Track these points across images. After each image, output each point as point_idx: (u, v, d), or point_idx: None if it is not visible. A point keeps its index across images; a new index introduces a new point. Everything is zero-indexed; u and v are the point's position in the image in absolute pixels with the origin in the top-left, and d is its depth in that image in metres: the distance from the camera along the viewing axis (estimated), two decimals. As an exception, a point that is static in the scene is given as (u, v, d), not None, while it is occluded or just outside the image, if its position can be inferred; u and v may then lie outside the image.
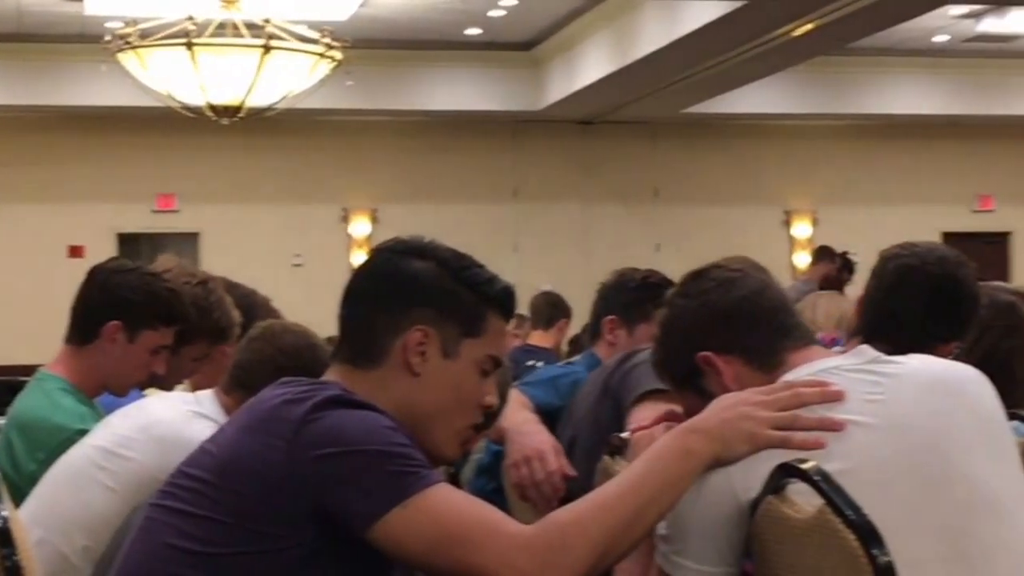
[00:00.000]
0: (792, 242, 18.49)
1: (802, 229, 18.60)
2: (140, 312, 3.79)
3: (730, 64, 14.16)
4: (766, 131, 18.28)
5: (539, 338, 8.51)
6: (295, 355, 3.41)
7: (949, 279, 3.31)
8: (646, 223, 17.96)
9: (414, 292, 2.49)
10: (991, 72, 17.15)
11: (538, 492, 3.63)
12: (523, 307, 9.67)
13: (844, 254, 14.13)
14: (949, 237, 18.78)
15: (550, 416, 3.95)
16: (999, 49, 16.52)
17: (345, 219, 17.56)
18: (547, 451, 3.67)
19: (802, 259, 17.57)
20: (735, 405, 2.38)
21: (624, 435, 2.89)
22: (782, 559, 2.29)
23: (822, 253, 14.54)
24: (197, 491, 2.33)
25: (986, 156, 18.85)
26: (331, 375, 2.51)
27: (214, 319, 4.02)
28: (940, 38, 16.25)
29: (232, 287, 4.37)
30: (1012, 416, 3.68)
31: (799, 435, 2.34)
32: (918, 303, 3.24)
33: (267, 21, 11.27)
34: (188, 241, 17.06)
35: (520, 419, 3.78)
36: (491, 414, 2.99)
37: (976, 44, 16.43)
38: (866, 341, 2.81)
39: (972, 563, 2.32)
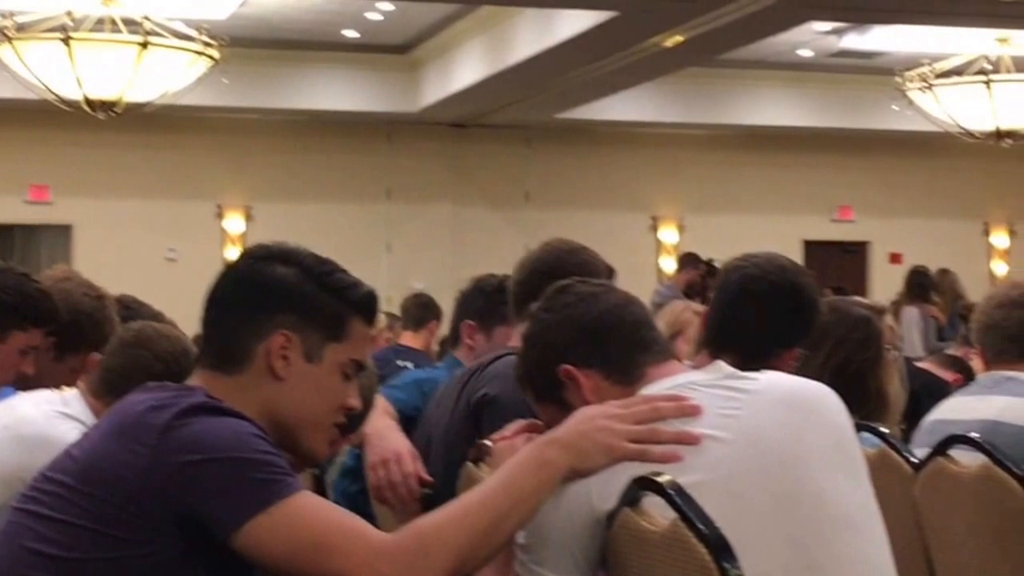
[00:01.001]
0: (659, 247, 18.65)
1: (669, 235, 18.75)
2: (10, 312, 3.72)
3: (602, 72, 14.25)
4: (636, 138, 18.41)
5: (409, 339, 8.49)
6: (173, 362, 3.38)
7: (790, 286, 3.37)
8: (517, 226, 17.99)
9: (277, 297, 2.48)
10: (852, 87, 17.40)
11: (395, 494, 3.66)
12: (396, 306, 9.66)
13: (709, 261, 14.28)
14: (810, 245, 19.09)
15: (414, 419, 3.95)
16: (860, 65, 16.76)
17: (219, 215, 17.42)
18: (404, 454, 3.70)
19: (668, 264, 17.72)
20: (594, 418, 2.39)
21: (487, 442, 2.90)
22: (637, 570, 2.29)
23: (687, 259, 14.70)
24: (60, 496, 2.30)
25: (847, 168, 19.13)
26: (196, 380, 2.49)
27: (104, 333, 3.97)
28: (804, 53, 16.47)
29: (124, 304, 4.35)
30: (864, 428, 3.76)
31: (656, 448, 2.36)
32: (762, 311, 3.29)
33: (146, 18, 11.15)
34: (61, 233, 16.84)
35: (381, 424, 3.79)
36: (357, 417, 2.99)
37: (839, 59, 16.67)
38: (713, 352, 2.84)
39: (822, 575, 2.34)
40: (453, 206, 18.01)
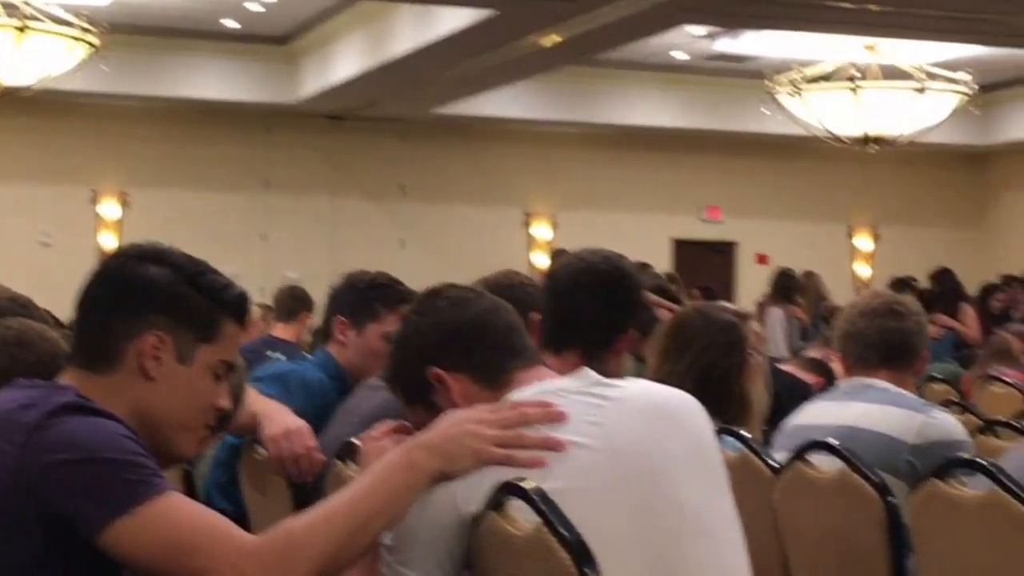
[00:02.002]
0: (531, 243, 18.71)
1: (542, 231, 18.82)
2: None
3: (480, 69, 14.27)
4: (512, 135, 18.45)
5: (281, 330, 8.44)
6: (52, 364, 3.32)
7: (617, 272, 3.44)
8: (393, 219, 17.98)
9: (149, 298, 2.45)
10: (724, 89, 17.58)
11: (297, 466, 3.66)
12: (270, 297, 9.59)
13: (581, 258, 14.31)
14: (679, 244, 19.28)
15: None
16: (732, 68, 16.95)
17: (95, 201, 17.19)
18: (304, 428, 3.71)
19: (540, 260, 17.78)
20: (461, 422, 2.40)
21: (356, 442, 2.89)
22: (501, 574, 2.31)
23: (559, 255, 14.73)
24: None
25: (717, 169, 19.32)
26: (67, 378, 2.46)
27: None
28: (678, 55, 16.61)
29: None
30: (726, 432, 3.80)
31: (521, 453, 2.36)
32: (596, 299, 3.34)
33: (25, 2, 10.98)
34: (-66, 216, 16.54)
35: (272, 404, 3.81)
36: (225, 416, 2.96)
37: (711, 63, 16.84)
38: (555, 352, 2.86)
39: (679, 581, 2.37)
40: (330, 197, 17.93)
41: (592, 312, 3.34)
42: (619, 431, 2.41)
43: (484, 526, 2.31)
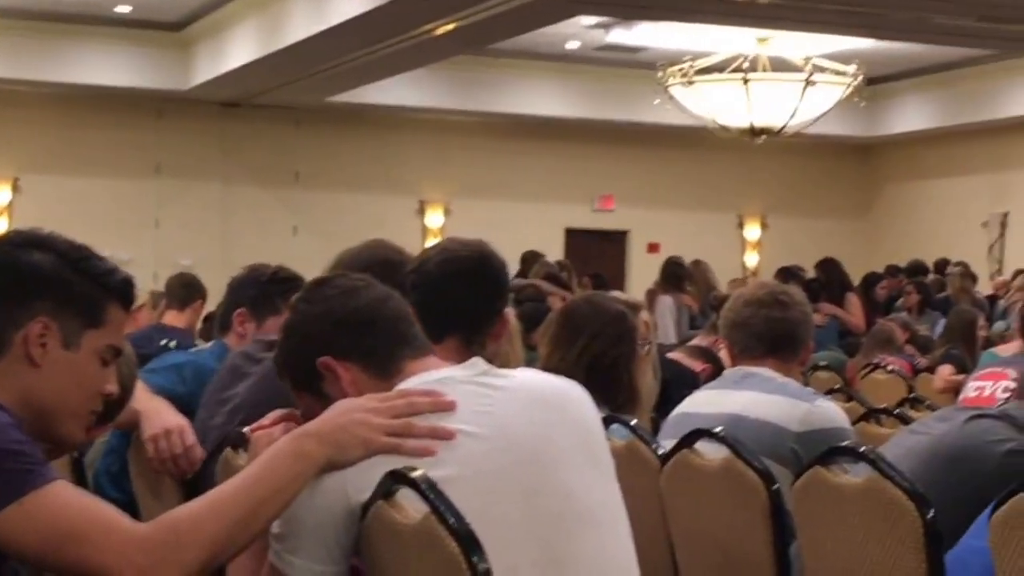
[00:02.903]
0: (425, 231, 18.68)
1: (435, 219, 18.81)
2: None
3: (374, 57, 14.21)
4: (406, 123, 18.40)
5: (173, 318, 8.34)
6: None
7: (481, 256, 3.46)
8: (286, 206, 17.88)
9: (33, 284, 2.43)
10: (617, 80, 17.66)
11: (175, 466, 3.64)
12: (163, 283, 9.49)
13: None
14: (571, 233, 19.34)
15: (172, 402, 3.91)
16: (625, 59, 17.03)
17: (-16, 187, 16.96)
18: (185, 427, 3.69)
19: (435, 248, 17.74)
20: (351, 411, 2.39)
21: (246, 431, 2.88)
22: (390, 562, 2.31)
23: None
24: None
25: (609, 158, 19.40)
26: None
27: None
28: (572, 45, 16.65)
29: None
30: (614, 420, 3.83)
31: (410, 442, 2.37)
32: (468, 286, 3.36)
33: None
34: None
35: (155, 402, 3.77)
36: (115, 403, 2.94)
37: (605, 53, 16.90)
38: (434, 340, 2.86)
39: (565, 571, 2.38)
40: (223, 184, 17.79)
41: (465, 299, 3.35)
42: (508, 420, 2.42)
43: (372, 515, 2.32)
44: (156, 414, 3.72)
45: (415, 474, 2.28)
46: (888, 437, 4.01)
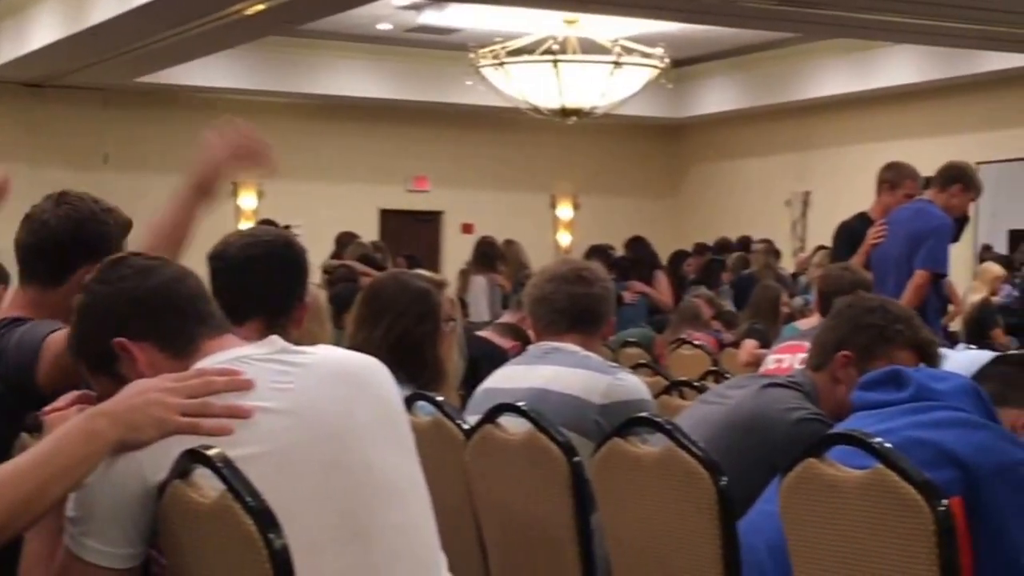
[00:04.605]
0: (238, 213, 18.49)
1: (248, 201, 18.65)
2: None
3: (183, 37, 13.99)
4: (218, 104, 18.10)
5: (-24, 303, 8.15)
6: None
7: (283, 242, 3.50)
8: (95, 189, 16.91)
9: None
10: (430, 61, 17.66)
11: None
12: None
13: (286, 228, 14.21)
14: (386, 214, 19.31)
15: None
16: (437, 40, 17.03)
17: None
18: None
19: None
20: (146, 391, 2.36)
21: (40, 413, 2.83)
22: (187, 541, 2.29)
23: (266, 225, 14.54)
24: None
25: (423, 140, 19.40)
26: None
27: None
28: (384, 27, 16.61)
29: None
30: (420, 397, 3.84)
31: (207, 422, 2.35)
32: (269, 271, 3.39)
33: None
34: None
35: None
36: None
37: (417, 35, 16.88)
38: (236, 323, 2.86)
39: (367, 544, 2.38)
40: (29, 167, 17.28)
41: (266, 283, 3.36)
42: (307, 396, 2.41)
43: (169, 495, 2.29)
44: None
45: (211, 452, 2.26)
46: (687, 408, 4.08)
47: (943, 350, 4.02)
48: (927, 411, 3.01)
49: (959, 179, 7.62)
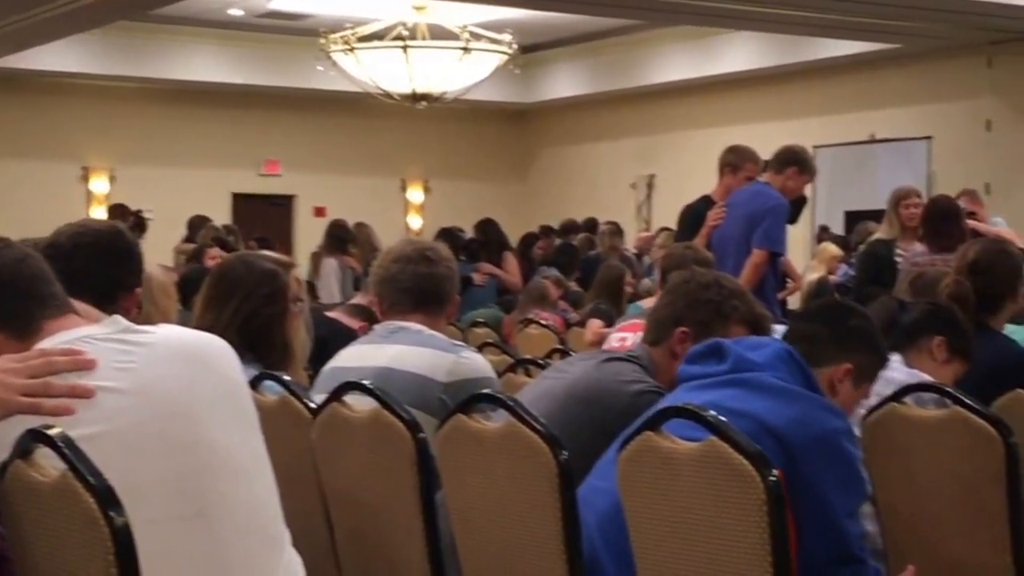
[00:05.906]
0: (90, 197, 18.22)
1: (99, 185, 18.36)
2: None
3: (30, 22, 13.72)
4: (67, 89, 17.86)
5: None
6: None
7: (115, 232, 3.52)
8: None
9: None
10: (281, 47, 17.53)
11: None
12: None
13: (138, 212, 14.06)
14: (238, 198, 19.14)
15: None
16: (288, 26, 16.92)
17: None
18: None
19: (99, 214, 17.33)
20: (-13, 372, 2.33)
21: None
22: (29, 521, 2.25)
23: (116, 210, 14.43)
24: None
25: (275, 124, 19.26)
26: None
27: None
28: (235, 12, 16.45)
29: None
30: (268, 377, 3.82)
31: (49, 401, 2.32)
32: (99, 258, 3.40)
33: None
34: None
35: None
36: None
37: (268, 20, 16.76)
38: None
39: (210, 521, 2.36)
40: None
41: (96, 272, 3.35)
42: (150, 375, 2.39)
43: (10, 475, 2.26)
44: None
45: (52, 432, 2.23)
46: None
47: (777, 326, 4.08)
48: (743, 384, 3.06)
49: (794, 162, 7.76)
